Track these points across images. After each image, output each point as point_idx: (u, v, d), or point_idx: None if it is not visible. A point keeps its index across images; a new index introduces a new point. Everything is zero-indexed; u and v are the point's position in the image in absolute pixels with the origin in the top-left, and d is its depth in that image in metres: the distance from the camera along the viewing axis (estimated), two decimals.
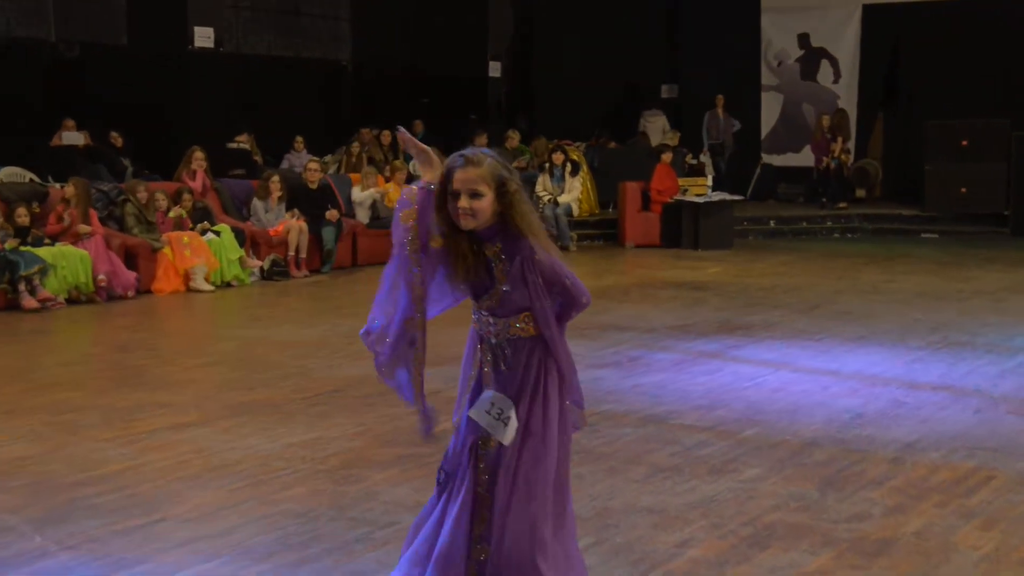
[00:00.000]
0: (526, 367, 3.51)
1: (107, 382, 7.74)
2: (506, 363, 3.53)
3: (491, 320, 3.55)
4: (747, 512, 5.04)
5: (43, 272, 10.92)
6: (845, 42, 20.62)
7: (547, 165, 17.01)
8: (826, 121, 19.24)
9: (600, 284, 12.65)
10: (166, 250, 12.13)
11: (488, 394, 3.54)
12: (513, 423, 3.47)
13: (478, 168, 3.39)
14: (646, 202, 16.66)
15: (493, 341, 3.56)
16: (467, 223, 3.40)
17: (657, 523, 4.90)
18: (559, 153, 16.94)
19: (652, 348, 8.83)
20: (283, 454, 5.94)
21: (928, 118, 18.21)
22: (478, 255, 3.47)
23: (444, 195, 3.42)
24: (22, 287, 10.77)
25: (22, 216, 11.29)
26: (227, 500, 5.19)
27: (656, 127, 20.90)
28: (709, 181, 17.23)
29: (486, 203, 3.38)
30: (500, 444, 3.49)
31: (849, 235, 18.10)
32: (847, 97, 20.54)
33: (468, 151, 3.49)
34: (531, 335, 3.51)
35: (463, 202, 3.37)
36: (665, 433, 6.36)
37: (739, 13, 20.97)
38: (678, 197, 16.39)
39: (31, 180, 13.40)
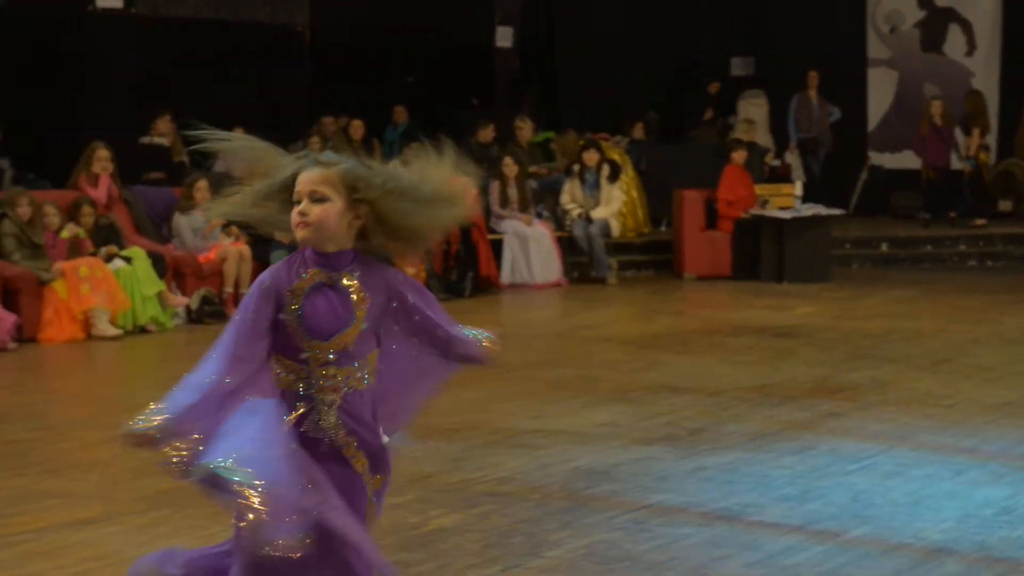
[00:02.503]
0: None
1: None
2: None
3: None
4: None
5: None
6: (982, 0, 20.69)
7: (576, 168, 17.01)
8: (938, 108, 19.15)
9: (649, 329, 12.65)
10: (57, 284, 12.18)
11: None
12: None
13: (326, 169, 3.71)
14: (712, 218, 16.69)
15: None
16: (301, 232, 3.70)
17: None
18: (592, 151, 16.92)
19: (721, 417, 8.82)
20: None
21: None
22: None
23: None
24: None
25: None
26: None
27: (760, 114, 20.77)
28: (798, 189, 17.20)
29: (329, 210, 3.67)
30: None
31: (989, 263, 18.11)
32: (984, 75, 20.57)
33: (328, 156, 3.80)
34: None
35: (300, 207, 3.70)
36: (740, 535, 6.35)
37: None
38: (755, 211, 16.42)
39: None
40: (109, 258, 12.65)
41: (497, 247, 15.87)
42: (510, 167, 16.26)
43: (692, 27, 21.22)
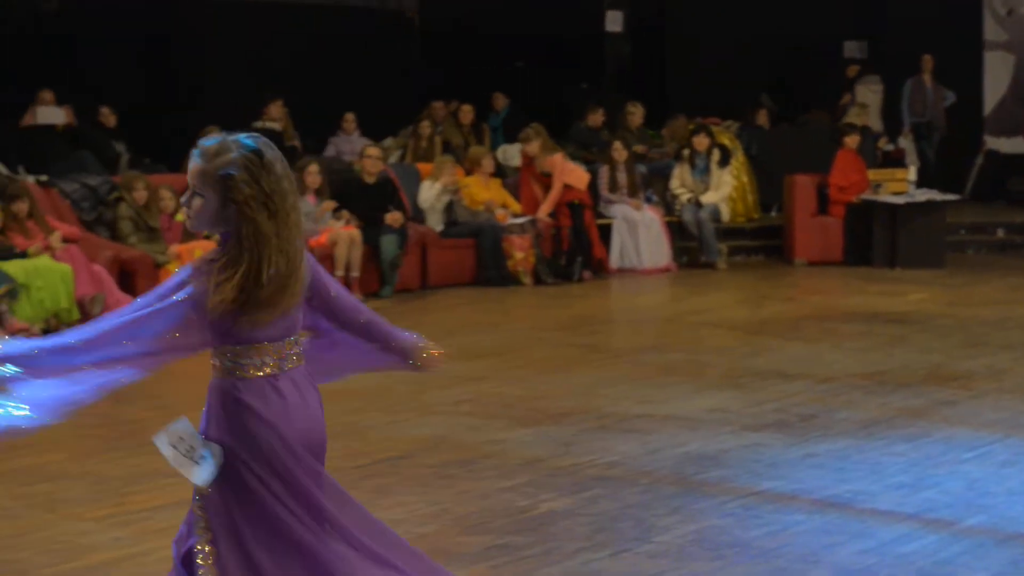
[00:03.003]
0: None
1: (97, 442, 7.88)
2: None
3: None
4: None
5: (11, 294, 11.20)
6: None
7: (686, 152, 16.96)
8: None
9: (759, 314, 12.59)
10: (172, 266, 12.34)
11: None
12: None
13: (204, 162, 3.77)
14: (824, 203, 16.56)
15: None
16: (188, 223, 3.84)
17: None
18: (703, 136, 16.87)
19: (832, 404, 8.76)
20: None
21: None
22: None
23: None
24: None
25: None
26: None
27: (874, 98, 20.54)
28: (912, 174, 17.01)
29: (202, 206, 3.74)
30: None
31: None
32: None
33: (214, 139, 3.84)
34: None
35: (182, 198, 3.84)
36: (852, 522, 6.30)
37: None
38: (868, 196, 16.26)
39: None
40: None
41: (606, 231, 15.84)
42: (619, 151, 16.21)
43: (804, 10, 20.99)
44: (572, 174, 15.61)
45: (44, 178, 13.28)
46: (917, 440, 7.82)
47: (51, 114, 15.43)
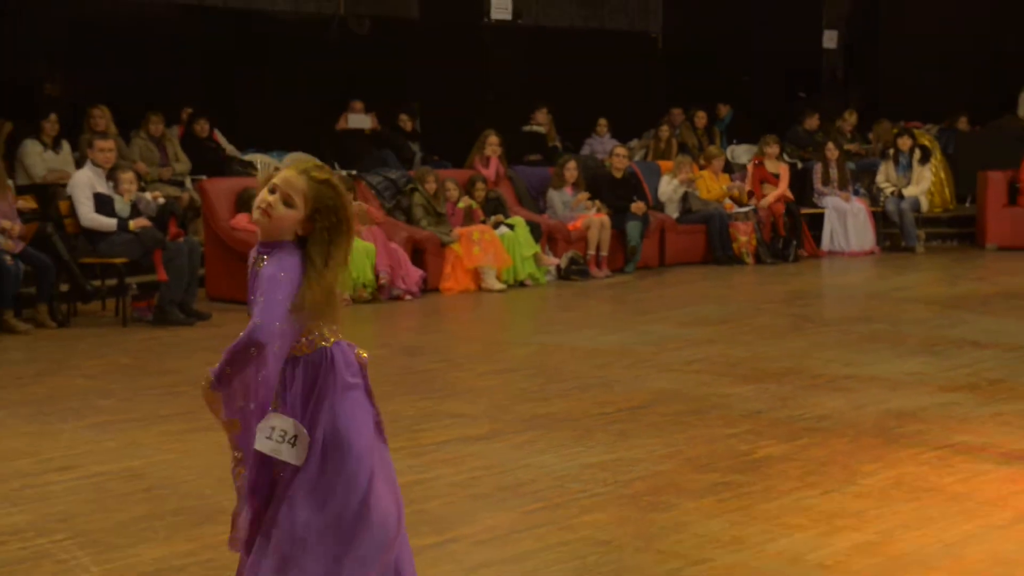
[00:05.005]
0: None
1: (393, 387, 8.08)
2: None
3: None
4: None
5: None
6: None
7: (891, 151, 16.66)
8: None
9: (953, 292, 12.22)
10: (455, 245, 12.56)
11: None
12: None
13: (306, 180, 3.52)
14: (1014, 195, 16.00)
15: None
16: (257, 215, 3.54)
17: None
18: (906, 137, 16.56)
19: (1018, 370, 8.44)
20: (580, 475, 6.05)
21: None
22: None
23: None
24: None
25: None
26: (521, 523, 5.35)
27: None
28: None
29: (291, 216, 3.51)
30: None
31: None
32: None
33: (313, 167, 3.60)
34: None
35: (271, 197, 3.52)
36: None
37: None
38: None
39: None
40: (496, 225, 12.97)
41: (818, 220, 15.64)
42: (832, 151, 16.04)
43: (1004, 25, 20.14)
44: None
45: (354, 172, 13.67)
46: None
47: (359, 120, 15.82)
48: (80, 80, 14.36)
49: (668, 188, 14.98)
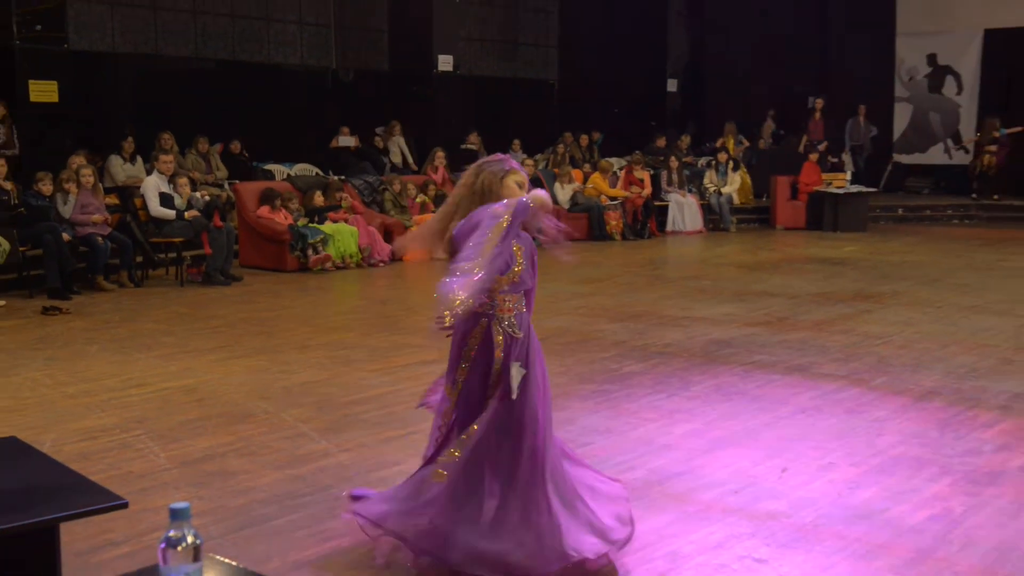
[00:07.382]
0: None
1: (371, 327, 8.04)
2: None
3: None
4: (876, 445, 4.87)
5: (323, 242, 11.41)
6: (968, 60, 19.34)
7: (713, 162, 16.72)
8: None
9: (755, 259, 12.37)
10: (413, 228, 12.45)
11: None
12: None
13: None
14: (794, 193, 16.13)
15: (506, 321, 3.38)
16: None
17: (800, 449, 4.79)
18: (723, 153, 16.63)
19: (797, 311, 8.58)
20: None
21: None
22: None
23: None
24: (310, 252, 11.29)
25: (319, 200, 11.80)
26: None
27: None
28: (848, 176, 16.56)
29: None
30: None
31: (967, 221, 17.06)
32: (968, 107, 19.26)
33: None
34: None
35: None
36: (807, 380, 6.19)
37: (877, 37, 19.94)
38: (821, 189, 15.80)
39: (316, 174, 13.98)
40: None
41: (664, 210, 15.58)
42: (673, 162, 15.89)
43: (793, 75, 20.21)
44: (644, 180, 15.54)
45: (342, 177, 13.46)
46: (848, 333, 7.63)
47: (346, 140, 15.59)
48: (151, 113, 14.03)
49: (562, 193, 14.89)
